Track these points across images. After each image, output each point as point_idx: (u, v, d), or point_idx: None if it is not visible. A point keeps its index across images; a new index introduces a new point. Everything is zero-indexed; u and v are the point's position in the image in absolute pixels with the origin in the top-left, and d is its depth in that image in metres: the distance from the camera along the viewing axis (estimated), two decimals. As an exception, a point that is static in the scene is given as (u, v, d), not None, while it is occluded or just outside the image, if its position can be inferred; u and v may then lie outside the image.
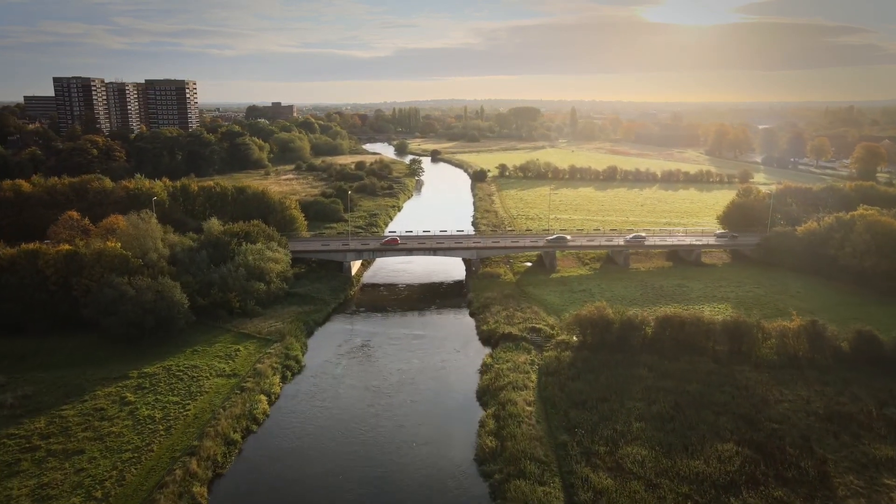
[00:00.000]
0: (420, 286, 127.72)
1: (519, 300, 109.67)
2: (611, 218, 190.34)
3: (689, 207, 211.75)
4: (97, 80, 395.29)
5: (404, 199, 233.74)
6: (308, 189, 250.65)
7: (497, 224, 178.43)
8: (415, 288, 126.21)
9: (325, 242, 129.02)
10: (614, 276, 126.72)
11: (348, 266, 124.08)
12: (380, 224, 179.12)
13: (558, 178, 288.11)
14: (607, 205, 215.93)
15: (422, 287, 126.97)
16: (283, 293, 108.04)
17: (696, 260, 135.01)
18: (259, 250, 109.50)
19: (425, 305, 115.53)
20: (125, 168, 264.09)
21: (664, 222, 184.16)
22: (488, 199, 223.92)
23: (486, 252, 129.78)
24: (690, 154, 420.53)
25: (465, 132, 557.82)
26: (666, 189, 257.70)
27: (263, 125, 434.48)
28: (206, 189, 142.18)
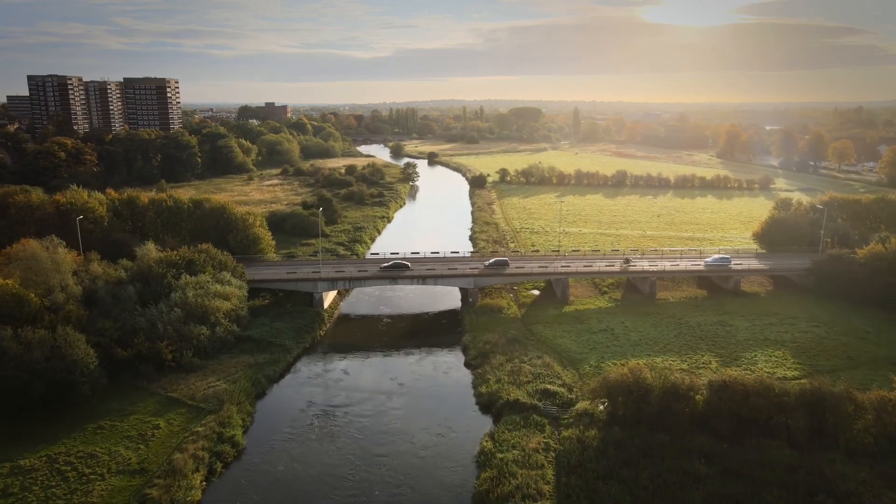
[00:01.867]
0: (406, 320, 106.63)
1: (526, 345, 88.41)
2: (625, 231, 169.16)
3: (711, 218, 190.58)
4: (74, 79, 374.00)
5: (396, 208, 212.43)
6: (291, 196, 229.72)
7: (498, 239, 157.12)
8: (400, 323, 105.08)
9: (291, 271, 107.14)
10: (639, 309, 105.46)
11: (320, 298, 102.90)
12: (365, 239, 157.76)
13: (563, 183, 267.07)
14: (619, 215, 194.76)
15: (408, 321, 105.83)
16: (234, 338, 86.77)
17: (734, 288, 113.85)
18: (203, 283, 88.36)
19: (411, 348, 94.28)
20: (94, 173, 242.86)
21: (687, 237, 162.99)
22: (488, 209, 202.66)
23: (486, 280, 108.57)
24: (701, 157, 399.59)
25: (464, 133, 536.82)
26: (682, 196, 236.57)
27: (252, 126, 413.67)
28: (157, 203, 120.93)
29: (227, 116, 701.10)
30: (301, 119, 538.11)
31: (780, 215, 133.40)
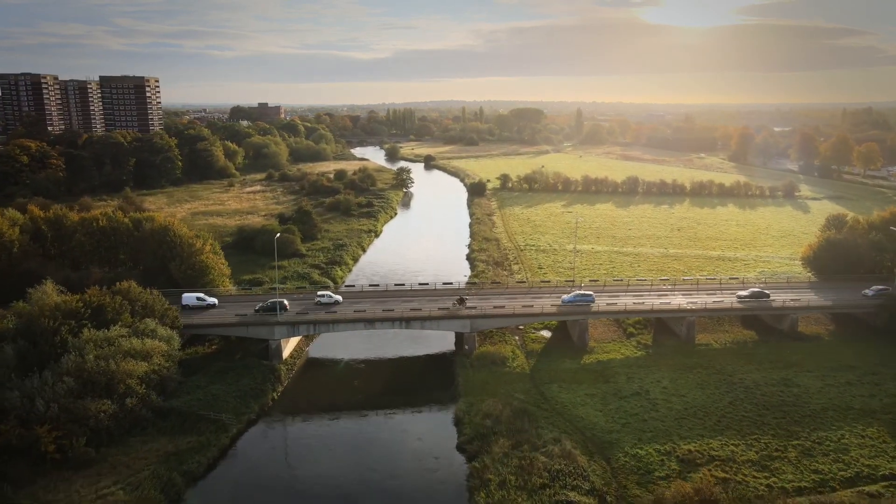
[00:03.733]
0: (387, 369, 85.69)
1: (537, 420, 67.32)
2: (644, 249, 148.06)
3: (739, 233, 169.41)
4: (49, 77, 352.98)
5: (385, 220, 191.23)
6: (272, 205, 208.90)
7: (500, 260, 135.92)
8: (379, 374, 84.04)
9: (241, 314, 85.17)
10: (677, 359, 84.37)
11: (277, 347, 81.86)
12: (346, 260, 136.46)
13: (569, 190, 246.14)
14: (635, 228, 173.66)
15: (389, 372, 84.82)
16: (152, 412, 65.61)
17: (790, 329, 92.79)
18: (114, 339, 67.22)
19: (391, 415, 73.46)
20: (56, 180, 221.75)
21: (716, 256, 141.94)
22: (488, 221, 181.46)
23: (485, 323, 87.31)
24: (712, 160, 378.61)
25: (463, 135, 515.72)
26: (700, 205, 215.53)
27: (240, 128, 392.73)
28: (87, 222, 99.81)
29: (220, 117, 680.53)
30: (294, 120, 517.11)
31: (834, 236, 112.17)
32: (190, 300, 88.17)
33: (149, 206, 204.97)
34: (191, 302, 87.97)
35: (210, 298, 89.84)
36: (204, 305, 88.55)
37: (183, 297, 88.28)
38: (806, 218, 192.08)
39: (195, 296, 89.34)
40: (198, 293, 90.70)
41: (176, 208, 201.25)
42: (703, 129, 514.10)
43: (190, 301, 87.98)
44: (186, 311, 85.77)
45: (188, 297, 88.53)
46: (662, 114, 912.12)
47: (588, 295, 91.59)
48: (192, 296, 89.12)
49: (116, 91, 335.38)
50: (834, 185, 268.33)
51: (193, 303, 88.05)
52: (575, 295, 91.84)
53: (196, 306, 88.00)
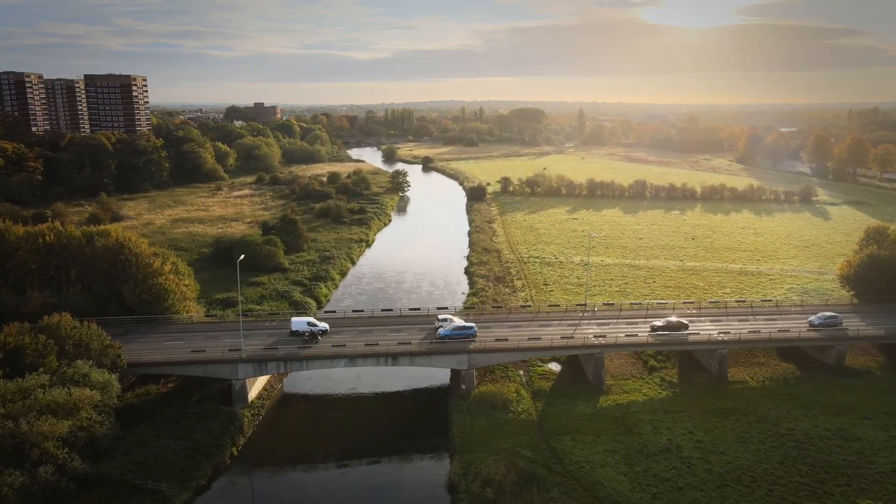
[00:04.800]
0: (371, 410, 73.47)
1: (548, 487, 55.14)
2: (658, 262, 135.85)
3: (758, 242, 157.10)
4: (33, 76, 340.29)
5: (378, 227, 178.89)
6: (259, 211, 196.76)
7: (501, 275, 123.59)
8: (361, 415, 71.86)
9: (198, 349, 72.48)
10: (709, 401, 72.12)
11: (242, 388, 69.69)
12: (332, 275, 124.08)
13: (573, 194, 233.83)
14: (646, 237, 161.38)
15: (373, 415, 72.57)
16: (74, 481, 53.31)
17: (836, 362, 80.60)
18: (28, 390, 54.93)
19: (374, 466, 61.37)
20: (31, 184, 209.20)
21: (737, 270, 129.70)
22: (488, 229, 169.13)
23: (484, 359, 74.99)
24: (719, 162, 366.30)
25: (463, 136, 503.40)
26: (712, 211, 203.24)
27: (233, 128, 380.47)
28: (32, 237, 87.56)
29: (215, 118, 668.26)
30: (289, 121, 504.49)
31: (877, 252, 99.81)
32: (300, 326, 78.34)
33: (128, 212, 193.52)
34: (301, 328, 78.24)
35: (321, 324, 79.30)
36: (317, 332, 78.06)
37: (292, 322, 79.04)
38: (828, 225, 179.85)
39: (306, 320, 79.30)
40: (309, 318, 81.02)
41: (156, 214, 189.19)
42: (708, 129, 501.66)
43: (300, 327, 78.33)
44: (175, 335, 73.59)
45: (298, 323, 78.82)
46: (664, 114, 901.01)
47: (469, 327, 77.16)
48: (302, 321, 79.26)
49: (102, 90, 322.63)
50: (851, 188, 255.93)
51: (304, 328, 78.23)
52: (453, 329, 77.33)
53: (306, 332, 78.18)
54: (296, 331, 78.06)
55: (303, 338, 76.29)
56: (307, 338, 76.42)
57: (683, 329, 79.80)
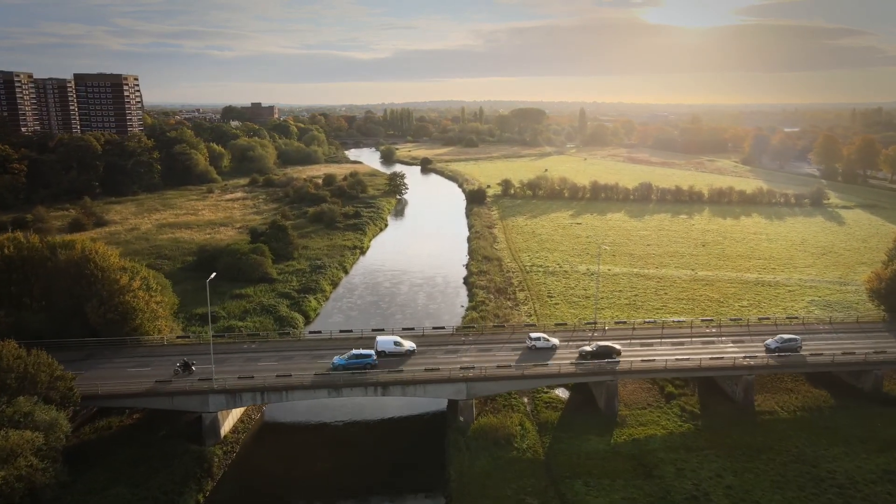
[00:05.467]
0: (358, 447, 65.91)
1: (561, 549, 47.53)
2: (669, 272, 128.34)
3: (772, 249, 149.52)
4: (23, 76, 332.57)
5: (374, 233, 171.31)
6: (250, 215, 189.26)
7: (502, 286, 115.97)
8: (349, 448, 64.34)
9: (162, 380, 64.81)
10: (735, 435, 64.55)
11: (213, 422, 62.17)
12: (322, 286, 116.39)
13: (576, 197, 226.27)
14: (654, 244, 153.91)
15: (361, 451, 65.02)
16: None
17: (873, 389, 73.12)
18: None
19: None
20: (14, 187, 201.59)
21: (753, 281, 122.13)
22: (488, 235, 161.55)
23: (485, 387, 67.38)
24: (724, 163, 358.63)
25: (462, 136, 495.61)
26: (721, 215, 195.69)
27: (227, 129, 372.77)
28: (-10, 250, 79.93)
29: (212, 118, 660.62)
30: (286, 121, 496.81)
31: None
32: (386, 345, 72.87)
33: (114, 216, 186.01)
34: (387, 347, 72.70)
35: (408, 343, 73.78)
36: (402, 352, 72.51)
37: (378, 341, 73.29)
38: (843, 231, 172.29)
39: (392, 339, 73.87)
40: (395, 337, 74.84)
41: (142, 219, 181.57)
42: (712, 130, 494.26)
43: (386, 346, 72.78)
44: (142, 359, 66.00)
45: (384, 342, 73.25)
46: (665, 114, 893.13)
47: (367, 355, 68.51)
48: (388, 339, 73.88)
49: (92, 90, 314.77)
50: (862, 191, 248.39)
51: (391, 349, 72.72)
52: (349, 357, 68.57)
53: (393, 353, 72.29)
54: (381, 351, 71.82)
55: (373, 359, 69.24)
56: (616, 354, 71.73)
57: (614, 355, 71.29)
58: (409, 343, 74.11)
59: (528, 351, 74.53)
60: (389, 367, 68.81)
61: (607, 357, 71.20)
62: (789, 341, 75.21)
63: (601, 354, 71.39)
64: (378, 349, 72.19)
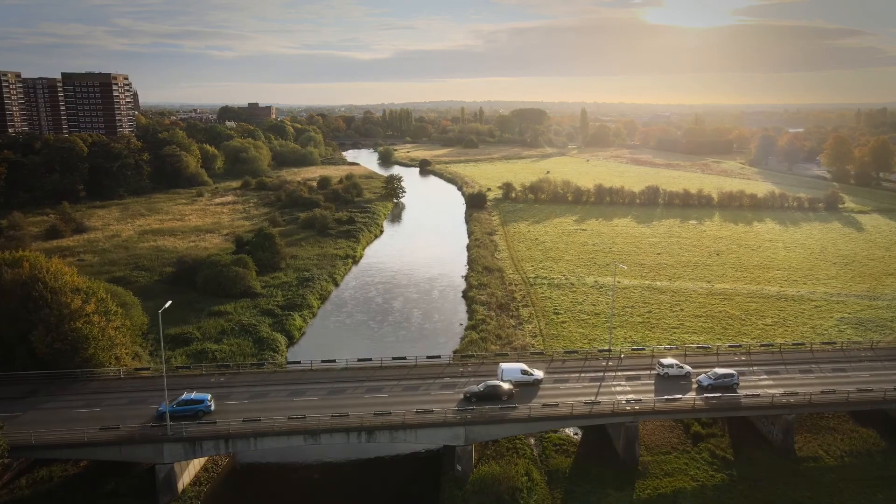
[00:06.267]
0: (343, 491, 56.93)
1: None
2: (683, 284, 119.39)
3: (790, 258, 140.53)
4: (10, 75, 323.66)
5: (368, 240, 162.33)
6: (239, 221, 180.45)
7: (504, 302, 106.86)
8: (330, 498, 55.50)
9: (110, 427, 55.27)
10: (777, 488, 55.60)
11: (169, 475, 53.16)
12: (310, 301, 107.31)
13: (580, 201, 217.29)
14: (665, 252, 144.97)
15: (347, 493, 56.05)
16: None
17: (929, 428, 63.97)
18: None
19: None
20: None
21: (774, 294, 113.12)
22: (489, 243, 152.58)
23: (485, 432, 58.37)
24: (731, 165, 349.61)
25: (462, 137, 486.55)
26: (733, 220, 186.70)
27: (222, 129, 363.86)
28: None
29: (209, 118, 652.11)
30: (283, 121, 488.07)
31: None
32: (513, 374, 65.12)
33: (95, 221, 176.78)
34: (514, 377, 64.93)
35: (537, 372, 66.17)
36: (530, 381, 65.16)
37: (502, 369, 65.48)
38: (863, 238, 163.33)
39: (519, 367, 66.06)
40: (521, 364, 66.69)
41: (125, 225, 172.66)
42: (716, 130, 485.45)
43: (513, 375, 65.03)
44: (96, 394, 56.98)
45: (511, 370, 65.50)
46: (667, 114, 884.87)
47: (200, 401, 57.68)
48: (515, 367, 66.10)
49: (80, 90, 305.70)
50: (877, 194, 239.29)
51: (517, 378, 64.90)
52: (176, 403, 57.24)
53: (520, 383, 64.49)
54: (508, 380, 64.31)
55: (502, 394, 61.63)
56: (506, 395, 61.78)
57: (505, 396, 61.52)
58: (537, 371, 66.03)
59: (660, 379, 66.54)
60: (518, 399, 61.35)
61: (496, 398, 60.67)
62: (724, 378, 64.56)
63: (489, 396, 61.07)
64: (503, 379, 63.99)
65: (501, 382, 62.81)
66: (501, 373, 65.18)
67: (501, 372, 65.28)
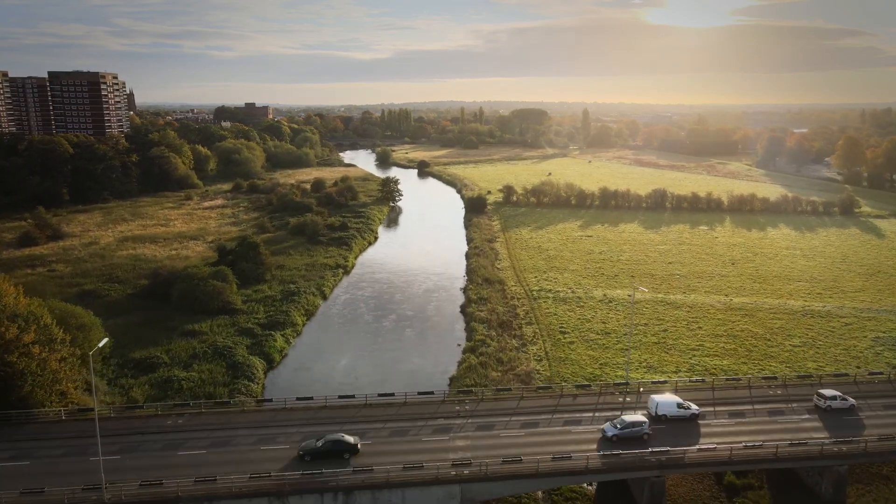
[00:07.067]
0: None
1: None
2: (699, 298, 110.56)
3: (810, 268, 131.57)
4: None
5: (361, 248, 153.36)
6: (226, 226, 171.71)
7: (506, 320, 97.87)
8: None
9: (32, 491, 45.56)
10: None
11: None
12: (294, 318, 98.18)
13: (584, 205, 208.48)
14: (676, 261, 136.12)
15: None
16: None
17: None
18: None
19: None
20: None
21: (799, 310, 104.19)
22: (489, 252, 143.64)
23: (485, 490, 49.46)
24: (737, 166, 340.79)
25: (462, 137, 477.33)
26: (745, 226, 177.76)
27: (215, 130, 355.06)
28: None
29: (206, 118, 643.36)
30: (280, 122, 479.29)
31: None
32: (668, 408, 58.03)
33: (74, 227, 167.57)
34: (670, 411, 57.96)
35: (694, 406, 59.18)
36: (687, 416, 58.16)
37: (656, 403, 58.46)
38: (886, 245, 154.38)
39: (675, 400, 59.03)
40: (676, 397, 60.07)
41: (105, 231, 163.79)
42: (720, 131, 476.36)
43: (668, 409, 57.98)
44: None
45: (665, 404, 58.43)
46: (669, 114, 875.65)
47: None
48: (670, 400, 58.98)
49: (67, 89, 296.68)
50: (892, 197, 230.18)
51: (674, 412, 57.95)
52: None
53: (676, 417, 57.72)
54: (662, 415, 57.42)
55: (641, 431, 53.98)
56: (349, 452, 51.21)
57: (347, 454, 50.84)
58: (693, 405, 58.60)
59: (820, 412, 59.37)
60: (675, 436, 53.94)
61: (338, 455, 50.47)
62: (633, 426, 54.88)
63: (331, 453, 50.68)
64: (657, 413, 56.84)
65: (346, 436, 51.70)
66: (656, 407, 57.42)
67: (655, 406, 57.49)
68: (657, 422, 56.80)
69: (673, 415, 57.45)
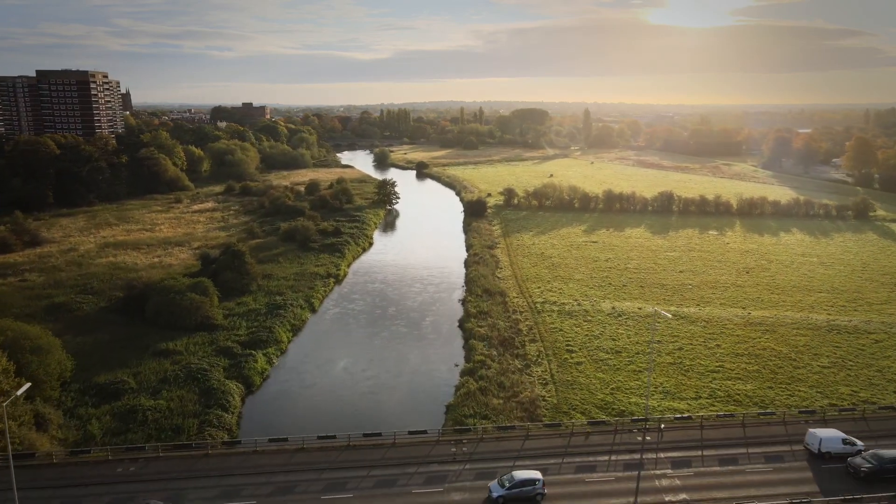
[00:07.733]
0: None
1: None
2: (714, 311, 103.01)
3: (830, 277, 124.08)
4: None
5: (354, 255, 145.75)
6: (214, 231, 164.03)
7: (508, 337, 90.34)
8: None
9: None
10: None
11: None
12: (279, 334, 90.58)
13: (588, 208, 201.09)
14: (688, 269, 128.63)
15: None
16: None
17: None
18: None
19: None
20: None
21: (823, 323, 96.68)
22: (490, 259, 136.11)
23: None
24: (743, 167, 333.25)
25: (462, 138, 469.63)
26: (757, 231, 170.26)
27: (209, 130, 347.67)
28: None
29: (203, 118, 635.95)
30: (276, 122, 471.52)
31: None
32: (833, 444, 53.47)
33: (56, 232, 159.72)
34: (835, 447, 53.47)
35: (859, 442, 54.66)
36: (853, 452, 53.55)
37: (820, 439, 54.10)
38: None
39: (840, 436, 54.35)
40: (840, 432, 54.99)
41: (87, 236, 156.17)
42: (724, 131, 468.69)
43: (833, 446, 53.49)
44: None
45: (830, 440, 54.00)
46: (670, 114, 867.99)
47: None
48: (834, 436, 54.17)
49: (55, 88, 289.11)
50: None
51: (838, 449, 53.51)
52: None
53: (840, 454, 53.15)
54: (826, 452, 53.19)
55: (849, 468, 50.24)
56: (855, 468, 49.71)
57: None
58: (858, 440, 53.68)
59: None
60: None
61: None
62: (524, 484, 47.25)
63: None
64: (820, 450, 52.72)
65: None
66: (819, 443, 52.06)
67: (819, 442, 52.12)
68: (820, 460, 50.59)
69: (837, 452, 52.28)
